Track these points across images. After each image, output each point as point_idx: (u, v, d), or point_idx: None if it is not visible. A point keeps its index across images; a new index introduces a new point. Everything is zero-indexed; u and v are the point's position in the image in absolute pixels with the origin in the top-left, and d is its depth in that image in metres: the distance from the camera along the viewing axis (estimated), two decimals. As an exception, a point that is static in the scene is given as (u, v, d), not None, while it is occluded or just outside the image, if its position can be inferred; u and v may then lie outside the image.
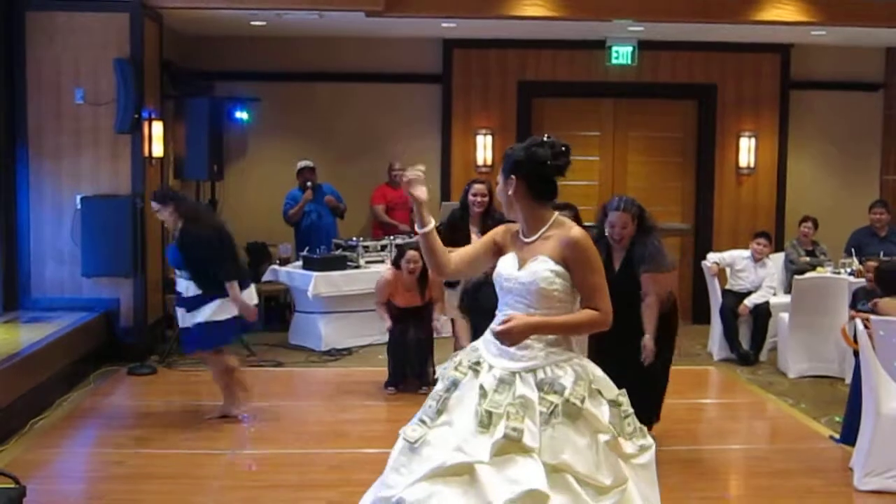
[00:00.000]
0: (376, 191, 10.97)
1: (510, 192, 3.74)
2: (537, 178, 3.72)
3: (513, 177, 3.72)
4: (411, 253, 7.91)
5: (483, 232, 7.60)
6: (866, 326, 6.15)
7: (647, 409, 5.98)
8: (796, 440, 7.04)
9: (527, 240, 3.74)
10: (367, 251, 9.78)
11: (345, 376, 8.64)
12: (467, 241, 7.52)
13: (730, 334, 9.44)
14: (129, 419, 7.34)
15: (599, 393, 3.57)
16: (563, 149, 3.75)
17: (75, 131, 8.94)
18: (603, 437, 3.48)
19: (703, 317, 10.57)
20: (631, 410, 3.64)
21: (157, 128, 9.16)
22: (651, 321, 6.09)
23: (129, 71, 8.73)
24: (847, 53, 11.53)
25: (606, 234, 6.25)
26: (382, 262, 9.54)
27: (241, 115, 10.95)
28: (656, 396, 6.48)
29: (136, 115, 8.79)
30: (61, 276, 8.98)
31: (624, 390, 3.68)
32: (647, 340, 6.05)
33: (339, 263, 9.56)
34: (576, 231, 3.67)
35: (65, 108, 8.91)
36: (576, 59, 11.41)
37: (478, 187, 7.67)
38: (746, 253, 9.63)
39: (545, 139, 3.76)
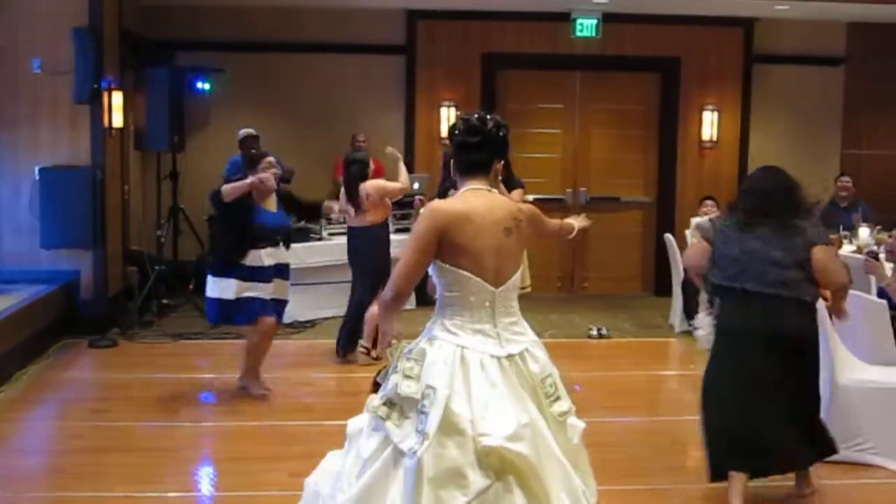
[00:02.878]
0: (339, 162, 10.91)
1: None
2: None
3: None
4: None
5: (440, 196, 7.83)
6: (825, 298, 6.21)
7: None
8: (755, 411, 7.09)
9: None
10: (329, 223, 9.73)
11: (308, 349, 8.63)
12: None
13: (689, 308, 9.48)
14: (89, 392, 7.29)
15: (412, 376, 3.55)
16: (464, 126, 3.78)
17: (33, 101, 8.80)
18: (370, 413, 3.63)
19: (664, 289, 10.62)
20: (429, 411, 3.42)
21: (117, 98, 9.04)
22: None
23: (88, 40, 8.60)
24: (810, 28, 11.59)
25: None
26: (345, 233, 9.51)
27: (203, 85, 10.83)
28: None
29: (95, 85, 8.66)
30: (20, 247, 8.86)
31: (437, 385, 3.44)
32: None
33: (302, 235, 9.51)
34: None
35: (22, 77, 8.76)
36: (540, 32, 11.38)
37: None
38: (702, 218, 9.66)
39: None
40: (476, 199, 3.67)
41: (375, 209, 7.98)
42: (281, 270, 7.01)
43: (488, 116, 3.77)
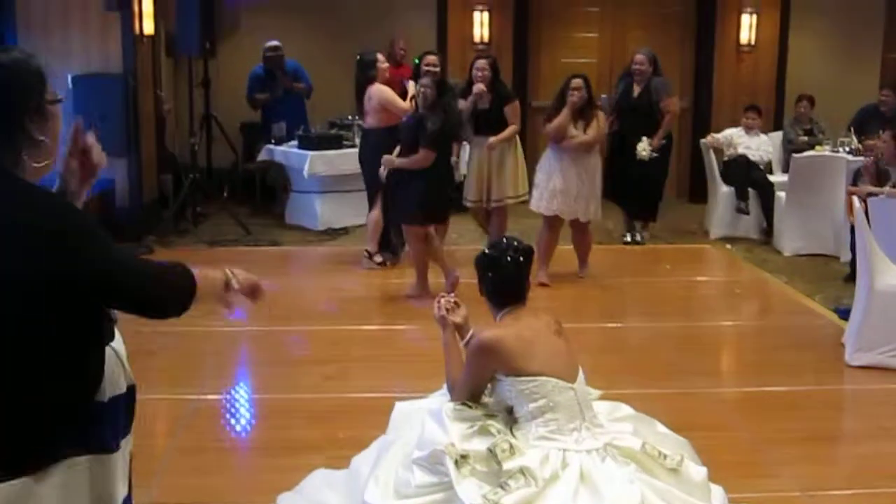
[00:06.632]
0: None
1: None
2: None
3: None
4: (379, 55, 8.03)
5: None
6: (863, 202, 6.15)
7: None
8: (789, 316, 7.11)
9: None
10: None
11: (341, 255, 8.63)
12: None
13: (741, 193, 9.40)
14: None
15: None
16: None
17: (63, 9, 8.73)
18: None
19: (700, 195, 10.55)
20: (512, 490, 3.14)
21: (147, 4, 8.95)
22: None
23: (117, -56, 8.50)
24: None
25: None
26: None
27: (234, -10, 10.71)
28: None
29: (125, -9, 8.60)
30: (55, 156, 8.89)
31: (536, 477, 3.18)
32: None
33: (335, 142, 9.47)
34: None
35: (52, -17, 8.70)
36: (575, -69, 11.12)
37: (429, 58, 8.17)
38: (739, 129, 9.65)
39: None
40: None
41: (377, 114, 7.88)
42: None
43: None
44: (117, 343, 2.48)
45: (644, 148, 8.70)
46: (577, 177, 7.49)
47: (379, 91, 7.87)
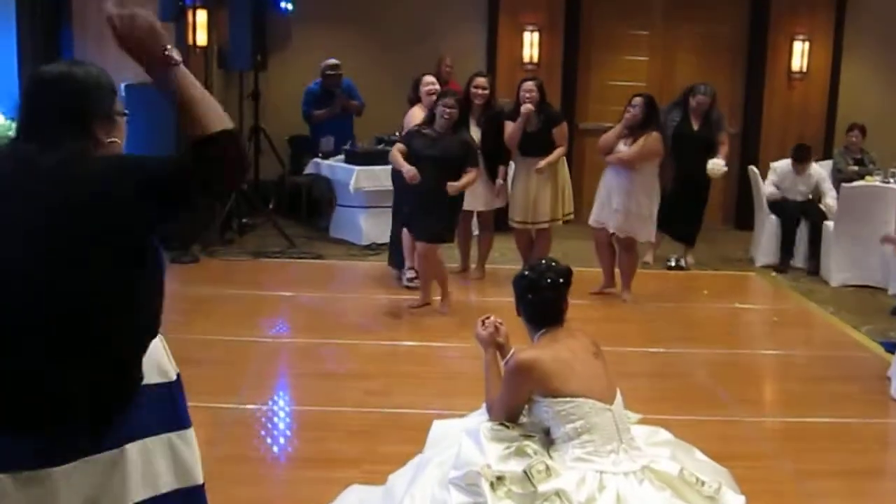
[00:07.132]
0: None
1: None
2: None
3: None
4: (427, 78, 8.07)
5: (478, 124, 7.85)
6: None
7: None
8: (834, 348, 7.01)
9: None
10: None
11: (384, 270, 8.63)
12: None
13: (789, 244, 9.30)
14: (170, 305, 7.31)
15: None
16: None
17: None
18: None
19: (746, 222, 10.47)
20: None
21: (201, 16, 9.06)
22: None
23: (173, -44, 8.63)
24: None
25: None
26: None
27: (285, 4, 10.80)
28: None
29: (180, 3, 8.70)
30: (105, 163, 9.00)
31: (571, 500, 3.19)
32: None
33: (381, 158, 9.47)
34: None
35: (109, -7, 8.81)
36: (627, -47, 11.11)
37: (479, 80, 8.11)
38: (788, 164, 9.46)
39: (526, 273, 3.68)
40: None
41: None
42: None
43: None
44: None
45: (720, 165, 8.75)
46: (618, 192, 7.70)
47: (410, 112, 8.05)
